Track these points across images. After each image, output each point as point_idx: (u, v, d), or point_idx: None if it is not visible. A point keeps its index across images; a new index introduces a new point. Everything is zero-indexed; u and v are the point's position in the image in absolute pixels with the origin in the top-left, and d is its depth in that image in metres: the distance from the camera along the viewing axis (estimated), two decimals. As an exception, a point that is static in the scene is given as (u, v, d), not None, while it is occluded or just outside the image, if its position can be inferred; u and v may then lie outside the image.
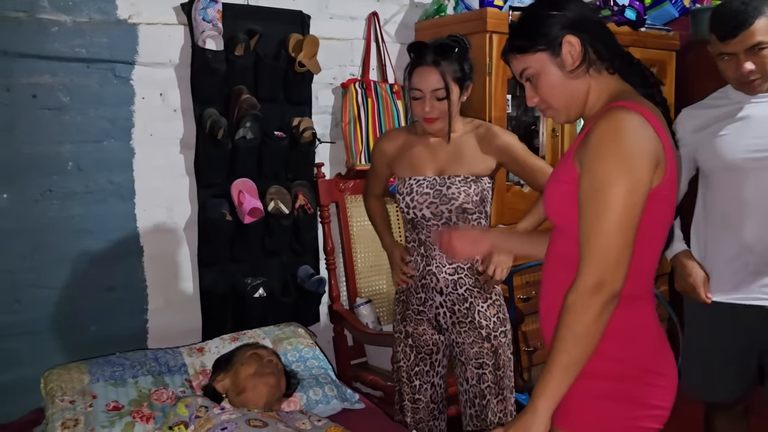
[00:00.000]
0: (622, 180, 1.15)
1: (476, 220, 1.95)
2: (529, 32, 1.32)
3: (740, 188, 1.84)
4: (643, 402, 1.26)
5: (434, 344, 2.04)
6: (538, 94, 1.34)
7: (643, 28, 3.17)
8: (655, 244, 1.27)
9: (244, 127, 2.38)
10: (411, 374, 2.05)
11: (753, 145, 1.80)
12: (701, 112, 1.95)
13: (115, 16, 2.24)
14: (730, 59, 1.78)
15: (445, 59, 1.87)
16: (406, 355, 2.06)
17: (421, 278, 1.99)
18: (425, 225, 1.95)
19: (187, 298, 2.47)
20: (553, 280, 1.35)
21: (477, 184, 1.92)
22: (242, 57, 2.40)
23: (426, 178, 1.95)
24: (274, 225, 2.47)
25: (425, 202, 1.93)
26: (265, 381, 1.87)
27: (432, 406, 2.07)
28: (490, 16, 2.62)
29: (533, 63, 1.31)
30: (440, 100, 1.87)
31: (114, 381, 1.96)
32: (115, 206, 2.30)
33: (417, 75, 1.89)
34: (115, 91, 2.27)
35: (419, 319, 2.03)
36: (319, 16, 2.66)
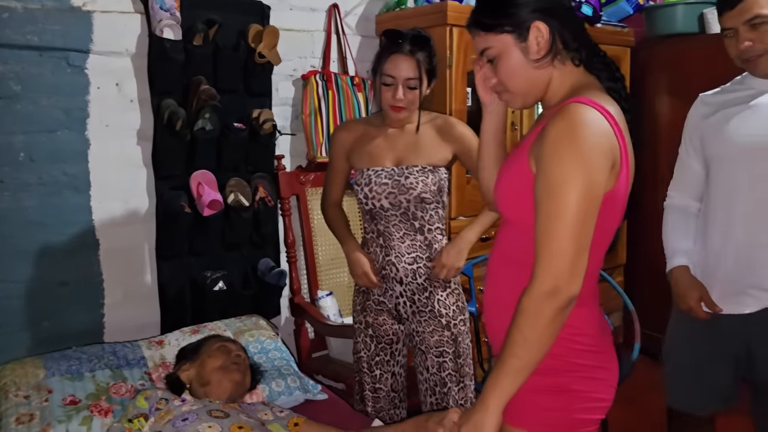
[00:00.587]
0: (578, 182, 1.13)
1: (434, 209, 1.97)
2: (497, 10, 1.26)
3: (733, 179, 1.74)
4: (583, 395, 1.27)
5: (394, 334, 2.06)
6: (497, 76, 1.30)
7: (599, 24, 3.24)
8: (602, 245, 1.26)
9: (203, 118, 2.35)
10: (371, 364, 2.07)
11: (752, 133, 1.70)
12: (715, 98, 1.84)
13: (69, 3, 2.19)
14: (731, 35, 1.68)
15: (421, 50, 1.89)
16: (366, 346, 2.07)
17: (381, 269, 2.00)
18: (384, 215, 1.97)
19: (145, 292, 2.43)
20: (500, 274, 1.35)
21: (434, 174, 1.94)
22: (201, 47, 2.36)
23: (384, 169, 1.96)
24: (234, 217, 2.45)
25: (383, 192, 1.94)
26: (230, 377, 1.86)
27: (393, 395, 2.09)
28: (450, 9, 2.64)
29: (496, 43, 1.27)
30: (411, 89, 1.89)
31: (70, 375, 1.92)
32: (70, 198, 2.25)
33: (391, 62, 1.88)
34: (68, 80, 2.21)
35: (379, 310, 2.04)
36: (279, 6, 2.64)
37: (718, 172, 1.78)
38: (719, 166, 1.78)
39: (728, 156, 1.75)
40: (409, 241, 1.96)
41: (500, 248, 1.36)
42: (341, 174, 2.11)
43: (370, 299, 2.05)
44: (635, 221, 3.37)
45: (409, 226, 1.96)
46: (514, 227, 1.30)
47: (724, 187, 1.77)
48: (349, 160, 2.06)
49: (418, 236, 1.97)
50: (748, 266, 1.72)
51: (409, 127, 2.00)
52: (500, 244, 1.36)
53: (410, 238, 1.96)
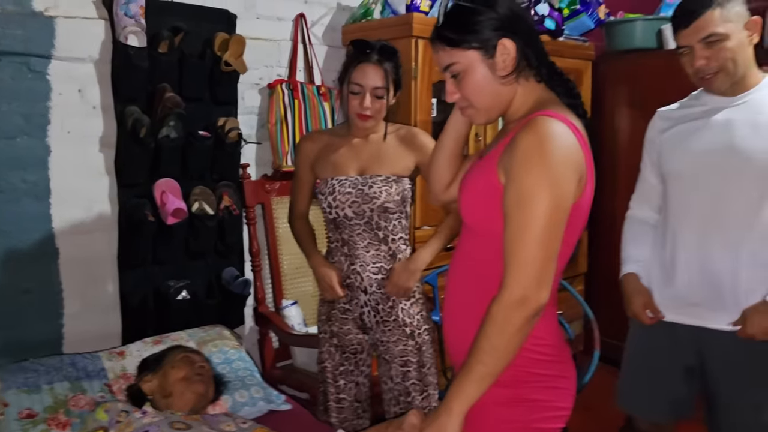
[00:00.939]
0: (548, 193, 1.16)
1: (397, 219, 1.99)
2: (463, 26, 1.26)
3: (688, 195, 1.77)
4: (543, 404, 1.30)
5: (359, 344, 2.06)
6: (461, 92, 1.30)
7: (562, 38, 3.31)
8: (565, 255, 1.28)
9: (167, 126, 2.33)
10: (336, 374, 2.07)
11: (706, 149, 1.71)
12: (673, 113, 1.87)
13: (31, 7, 2.15)
14: (687, 53, 1.69)
15: (388, 60, 1.92)
16: (331, 355, 2.07)
17: (346, 278, 2.01)
18: (347, 224, 1.98)
19: (107, 302, 2.39)
20: (462, 284, 1.36)
21: (398, 184, 1.96)
22: (166, 54, 2.35)
23: (348, 178, 1.98)
24: (198, 226, 2.43)
25: (347, 201, 1.95)
26: (193, 388, 1.84)
27: (356, 405, 2.09)
28: (416, 21, 2.67)
29: (462, 59, 1.27)
30: (378, 98, 1.92)
31: (27, 388, 1.88)
32: (29, 206, 2.21)
33: (359, 71, 1.91)
34: (29, 85, 2.17)
35: (344, 319, 2.05)
36: (245, 15, 2.64)
37: (674, 187, 1.82)
38: (675, 181, 1.81)
39: (683, 172, 1.78)
40: (373, 250, 1.98)
41: (463, 258, 1.38)
42: (307, 185, 2.11)
43: (335, 308, 2.06)
44: (595, 231, 3.45)
45: (373, 236, 1.97)
46: (479, 237, 1.32)
47: (679, 202, 1.80)
48: (314, 170, 2.07)
49: (382, 246, 1.98)
50: (700, 282, 1.75)
51: (374, 136, 2.02)
52: (463, 255, 1.38)
53: (375, 248, 1.98)
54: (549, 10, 3.18)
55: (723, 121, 1.71)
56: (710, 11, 1.62)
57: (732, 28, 1.63)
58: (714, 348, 1.78)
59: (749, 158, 1.65)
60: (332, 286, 1.98)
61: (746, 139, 1.66)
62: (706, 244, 1.73)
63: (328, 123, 2.81)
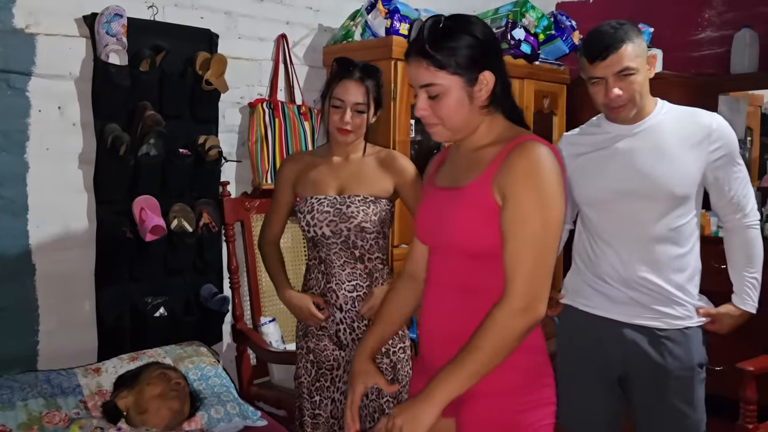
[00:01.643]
0: (548, 210, 1.25)
1: (374, 239, 2.01)
2: (450, 50, 1.28)
3: (601, 220, 1.87)
4: (545, 402, 1.38)
5: (335, 360, 2.07)
6: (434, 110, 1.33)
7: (537, 62, 3.39)
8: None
9: (147, 143, 2.34)
10: (312, 390, 2.07)
11: (612, 178, 1.82)
12: (579, 138, 1.96)
13: (11, 24, 2.17)
14: (599, 83, 1.77)
15: (370, 78, 1.98)
16: (307, 371, 2.08)
17: (322, 295, 2.03)
18: (325, 243, 2.00)
19: (83, 319, 2.38)
20: (448, 302, 1.38)
21: (376, 205, 1.99)
22: (147, 73, 2.37)
23: (327, 197, 2.01)
24: (177, 243, 2.44)
25: (325, 220, 1.98)
26: (168, 405, 1.84)
27: (332, 422, 2.09)
28: (395, 44, 2.73)
29: (444, 82, 1.29)
30: (359, 113, 1.96)
31: (1, 404, 1.86)
32: (6, 222, 2.20)
33: (341, 87, 1.96)
34: (8, 102, 2.18)
35: (320, 335, 2.06)
36: (227, 35, 2.68)
37: (589, 211, 1.91)
38: (588, 207, 1.91)
39: (596, 201, 1.88)
40: (349, 269, 2.00)
41: (447, 278, 1.39)
42: (284, 207, 2.14)
43: (312, 325, 2.07)
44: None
45: (349, 255, 2.00)
46: (478, 261, 1.33)
47: (594, 223, 1.90)
48: (295, 190, 2.10)
49: (358, 264, 2.00)
50: (626, 287, 1.85)
51: (354, 156, 2.05)
52: (446, 274, 1.39)
53: (350, 266, 2.00)
54: (525, 35, 3.25)
55: (627, 149, 1.82)
56: (624, 46, 1.71)
57: (640, 62, 1.74)
58: (635, 354, 1.85)
59: (654, 182, 1.77)
60: (311, 314, 2.00)
61: (650, 165, 1.78)
62: (623, 255, 1.83)
63: (308, 142, 2.85)
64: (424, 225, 1.45)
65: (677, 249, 1.81)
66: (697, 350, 1.84)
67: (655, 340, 1.82)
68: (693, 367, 1.83)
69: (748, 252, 1.87)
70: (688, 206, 1.81)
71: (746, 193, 1.84)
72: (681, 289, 1.82)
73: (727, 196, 1.83)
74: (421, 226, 1.47)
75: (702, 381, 1.87)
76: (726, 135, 1.80)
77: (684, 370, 1.82)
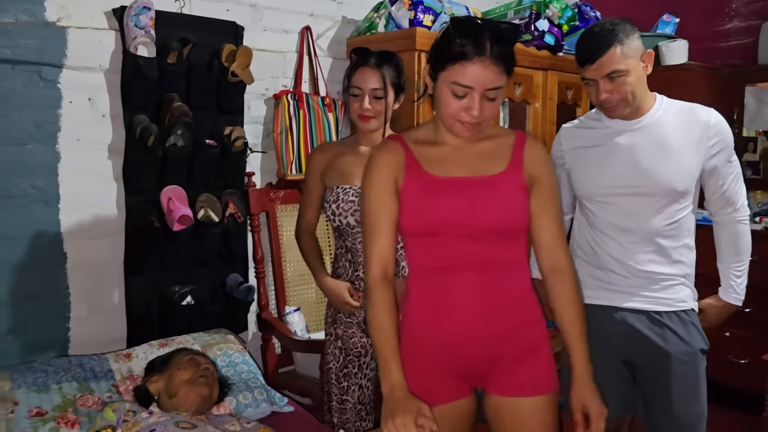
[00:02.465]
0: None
1: None
2: (514, 59, 1.43)
3: (603, 214, 1.90)
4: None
5: (362, 347, 2.10)
6: (485, 112, 1.42)
7: (561, 53, 3.37)
8: None
9: (175, 134, 2.38)
10: (339, 376, 2.10)
11: (613, 174, 1.85)
12: (578, 131, 1.98)
13: (43, 18, 2.21)
14: (591, 85, 1.80)
15: (386, 64, 2.00)
16: (335, 357, 2.11)
17: (350, 283, 2.05)
18: (350, 232, 2.02)
19: (113, 307, 2.43)
20: (497, 278, 1.49)
21: None
22: (175, 65, 2.40)
23: (352, 187, 2.02)
24: (203, 233, 2.47)
25: (350, 209, 2.00)
26: (197, 390, 1.87)
27: (359, 408, 2.12)
28: (419, 35, 2.73)
29: (504, 85, 1.42)
30: (377, 99, 1.98)
31: (37, 387, 1.91)
32: (38, 211, 2.25)
33: (358, 74, 2.00)
34: (41, 94, 2.23)
35: (349, 322, 2.09)
36: (252, 27, 2.70)
37: (590, 206, 1.94)
38: (589, 202, 1.94)
39: (597, 196, 1.90)
40: None
41: (474, 259, 1.47)
42: (315, 197, 2.15)
43: (341, 312, 2.09)
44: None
45: None
46: (501, 237, 1.48)
47: (596, 216, 1.92)
48: (323, 180, 2.12)
49: None
50: (629, 276, 1.88)
51: None
52: (474, 256, 1.47)
53: None
54: (549, 26, 3.24)
55: (628, 144, 1.85)
56: (612, 49, 1.73)
57: (631, 63, 1.75)
58: (636, 341, 1.88)
59: (656, 178, 1.81)
60: (346, 302, 2.03)
61: (651, 162, 1.81)
62: (623, 246, 1.88)
63: (332, 133, 2.87)
64: (452, 213, 1.46)
65: (676, 240, 1.86)
66: (699, 334, 1.87)
67: (656, 323, 1.86)
68: (695, 352, 1.85)
69: (736, 246, 1.92)
70: (687, 200, 1.86)
71: (738, 188, 1.89)
72: (679, 277, 1.87)
73: (720, 191, 1.88)
74: (449, 215, 1.46)
75: (704, 368, 1.89)
76: (723, 130, 1.83)
77: (686, 354, 1.84)
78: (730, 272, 1.93)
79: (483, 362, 1.51)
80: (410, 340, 1.51)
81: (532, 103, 3.35)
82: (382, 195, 1.49)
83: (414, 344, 1.51)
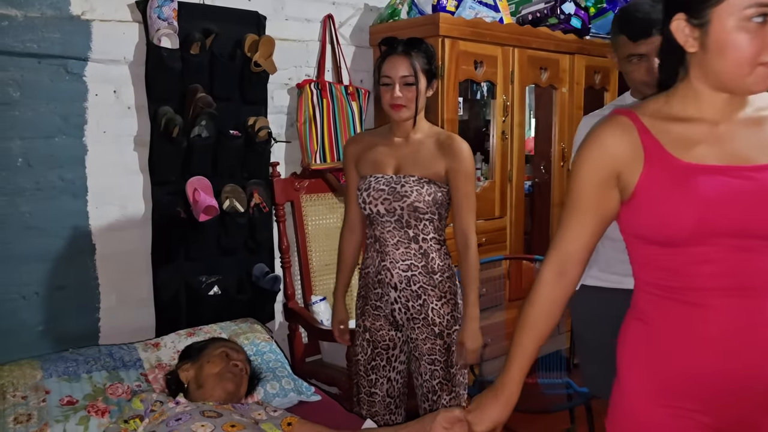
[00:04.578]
0: None
1: (429, 220, 1.99)
2: None
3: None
4: None
5: (390, 340, 2.08)
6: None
7: (588, 37, 3.31)
8: None
9: (199, 125, 2.39)
10: (368, 368, 2.09)
11: None
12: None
13: (68, 11, 2.23)
14: (639, 61, 1.74)
15: (415, 51, 1.95)
16: (363, 349, 2.10)
17: (377, 273, 2.04)
18: (380, 221, 2.00)
19: (141, 297, 2.45)
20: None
21: (430, 186, 1.97)
22: (198, 56, 2.41)
23: (384, 176, 2.01)
24: (229, 223, 2.48)
25: (380, 198, 1.98)
26: (223, 385, 1.87)
27: (388, 401, 2.10)
28: (442, 21, 2.70)
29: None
30: (408, 86, 1.93)
31: (67, 376, 1.94)
32: (67, 203, 2.28)
33: (387, 63, 1.95)
34: (67, 87, 2.25)
35: (376, 315, 2.07)
36: (274, 17, 2.70)
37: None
38: None
39: None
40: (403, 248, 1.99)
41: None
42: (354, 188, 2.13)
43: (368, 304, 2.08)
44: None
45: (403, 234, 1.99)
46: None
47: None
48: (358, 170, 2.11)
49: (412, 244, 1.99)
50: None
51: (414, 137, 2.02)
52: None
53: (404, 246, 1.99)
54: (575, 8, 3.18)
55: None
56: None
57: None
58: None
59: None
60: (337, 328, 2.20)
61: None
62: None
63: (356, 122, 2.85)
64: (733, 212, 1.08)
65: None
66: None
67: None
68: None
69: None
70: None
71: None
72: None
73: None
74: (727, 214, 1.08)
75: None
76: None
77: None
78: None
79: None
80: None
81: (559, 88, 3.29)
82: (592, 185, 1.18)
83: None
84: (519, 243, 3.22)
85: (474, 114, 3.45)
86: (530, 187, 3.53)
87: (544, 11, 3.11)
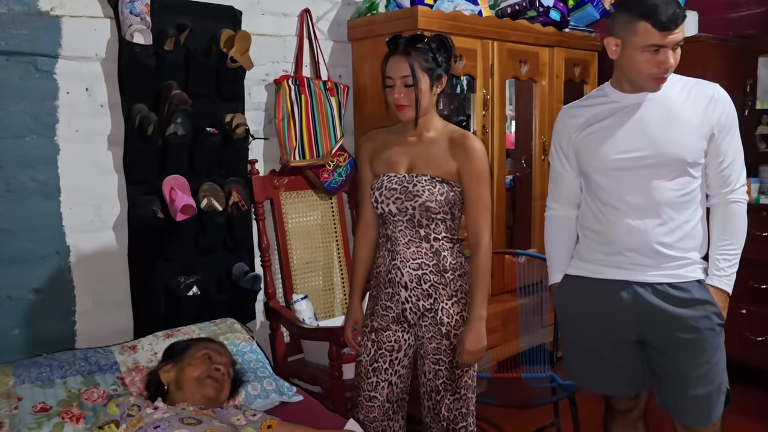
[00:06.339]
0: None
1: (441, 220, 1.96)
2: None
3: (614, 185, 1.86)
4: None
5: (396, 342, 2.04)
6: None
7: (567, 29, 3.30)
8: None
9: (175, 123, 2.34)
10: (369, 369, 2.04)
11: (623, 146, 1.82)
12: (581, 110, 1.94)
13: (36, 7, 2.17)
14: (657, 52, 1.72)
15: (415, 49, 1.90)
16: (367, 349, 2.06)
17: (387, 273, 2.01)
18: (392, 220, 1.98)
19: (118, 299, 2.40)
20: None
21: (443, 186, 1.94)
22: (172, 52, 2.36)
23: (396, 175, 1.98)
24: (207, 222, 2.44)
25: (392, 197, 1.95)
26: (202, 391, 1.82)
27: (387, 406, 2.05)
28: (420, 14, 2.67)
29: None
30: (408, 86, 1.90)
31: (41, 382, 1.89)
32: (39, 205, 2.22)
33: (389, 63, 1.92)
34: (37, 85, 2.19)
35: (385, 315, 2.04)
36: (250, 11, 2.65)
37: (599, 180, 1.90)
38: (599, 176, 1.90)
39: (607, 170, 1.87)
40: (414, 247, 1.96)
41: None
42: (368, 185, 2.09)
43: (378, 304, 2.05)
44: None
45: (414, 233, 1.96)
46: None
47: (605, 191, 1.89)
48: (371, 168, 2.08)
49: (423, 244, 1.96)
50: (639, 249, 1.85)
51: (428, 136, 1.99)
52: None
53: (415, 245, 1.96)
54: (554, 1, 3.17)
55: (637, 117, 1.83)
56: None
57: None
58: (647, 316, 1.85)
59: (666, 148, 1.79)
60: (349, 336, 2.15)
61: (660, 131, 1.80)
62: (633, 220, 1.84)
63: (335, 118, 2.82)
64: None
65: (687, 214, 1.83)
66: (712, 303, 1.83)
67: (666, 294, 1.82)
68: (709, 316, 1.81)
69: (728, 227, 1.86)
70: (697, 172, 1.83)
71: (737, 168, 1.86)
72: (691, 251, 1.84)
73: (719, 168, 1.84)
74: None
75: (722, 340, 1.86)
76: (727, 102, 1.82)
77: (701, 319, 1.80)
78: (718, 254, 1.85)
79: None
80: None
81: (539, 81, 3.29)
82: None
83: None
84: (501, 237, 3.21)
85: (454, 108, 3.43)
86: (511, 182, 3.53)
87: (523, 4, 3.09)
